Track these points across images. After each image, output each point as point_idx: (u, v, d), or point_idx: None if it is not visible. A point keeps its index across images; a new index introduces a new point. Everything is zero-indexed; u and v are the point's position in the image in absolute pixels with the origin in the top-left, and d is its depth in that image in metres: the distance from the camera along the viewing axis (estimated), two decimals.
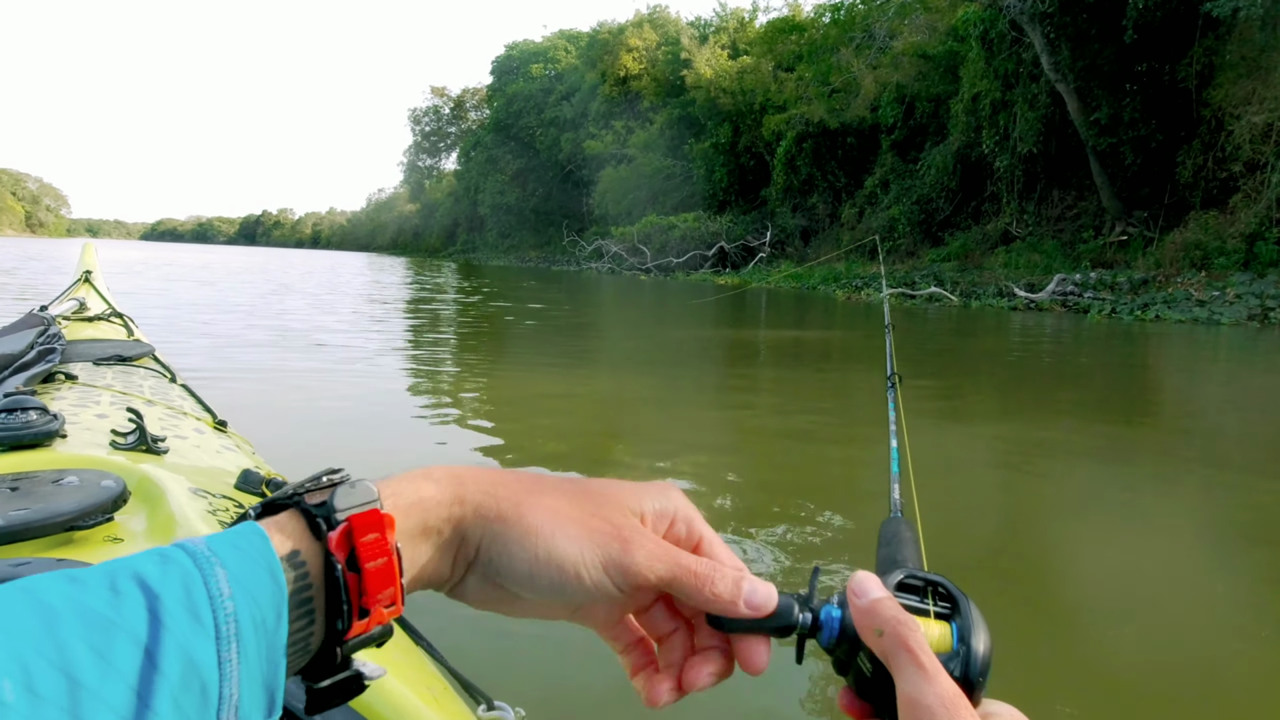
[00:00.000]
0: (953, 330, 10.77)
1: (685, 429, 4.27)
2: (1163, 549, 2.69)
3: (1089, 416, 5.05)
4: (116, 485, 0.80)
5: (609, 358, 7.83)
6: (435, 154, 76.87)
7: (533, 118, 50.24)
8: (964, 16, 20.96)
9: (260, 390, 4.98)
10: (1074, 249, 18.15)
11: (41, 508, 0.72)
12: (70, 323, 2.35)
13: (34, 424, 0.96)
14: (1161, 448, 4.26)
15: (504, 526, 0.36)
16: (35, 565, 0.62)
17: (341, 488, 0.35)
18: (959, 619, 0.38)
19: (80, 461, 0.91)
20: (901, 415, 1.03)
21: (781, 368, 7.28)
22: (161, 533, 0.77)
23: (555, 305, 14.40)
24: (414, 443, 3.93)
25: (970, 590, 0.39)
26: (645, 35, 40.50)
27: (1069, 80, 16.98)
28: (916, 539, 0.60)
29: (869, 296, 16.52)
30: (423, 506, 0.36)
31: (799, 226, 27.63)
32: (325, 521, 0.33)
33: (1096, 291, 13.13)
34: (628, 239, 29.95)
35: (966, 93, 21.18)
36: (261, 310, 10.76)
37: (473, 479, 0.38)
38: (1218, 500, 3.26)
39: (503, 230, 53.21)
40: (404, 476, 0.38)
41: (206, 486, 0.94)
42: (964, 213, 22.73)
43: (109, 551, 0.72)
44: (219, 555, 0.30)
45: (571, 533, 0.37)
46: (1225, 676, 1.89)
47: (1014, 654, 1.86)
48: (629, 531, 0.38)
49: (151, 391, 1.57)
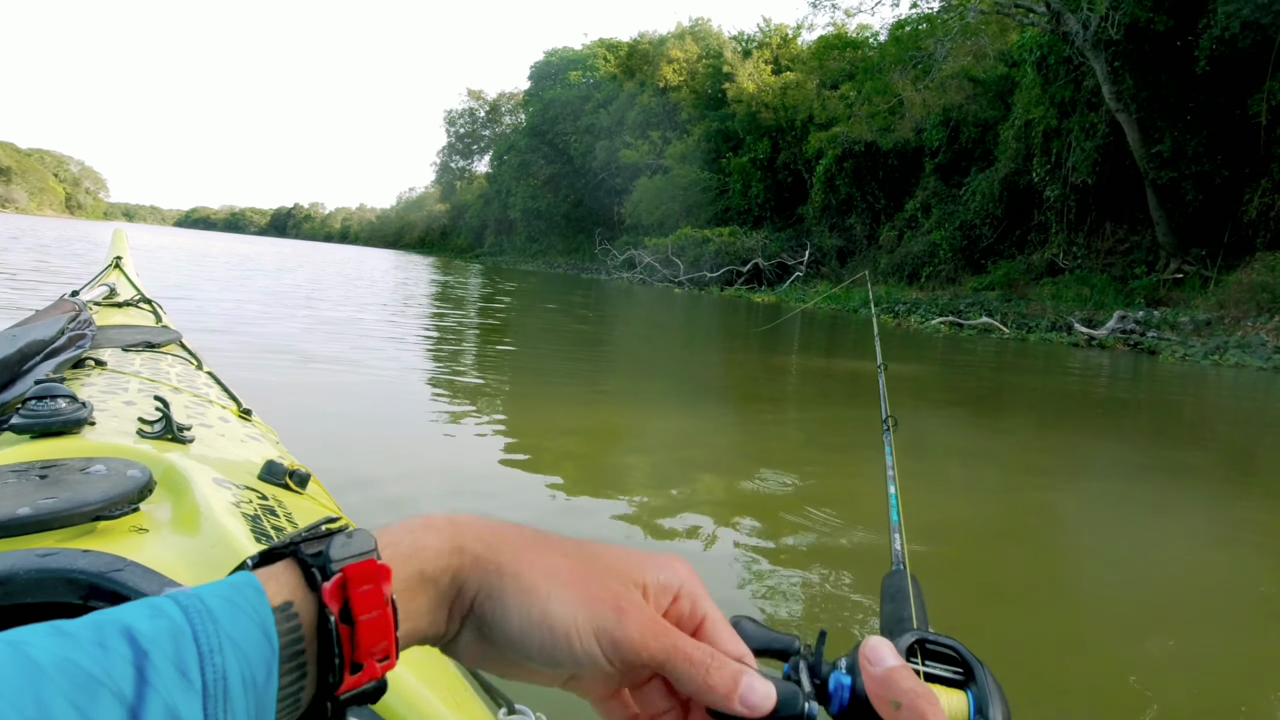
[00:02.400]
0: (1017, 367, 10.09)
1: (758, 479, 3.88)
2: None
3: (1222, 483, 4.39)
4: (143, 475, 0.80)
5: (665, 378, 7.46)
6: (468, 156, 77.37)
7: (568, 124, 50.24)
8: (1020, 41, 20.48)
9: (283, 379, 4.96)
10: (1125, 284, 17.55)
11: (69, 497, 0.72)
12: (101, 308, 2.35)
13: (63, 412, 0.95)
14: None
15: (501, 581, 0.36)
16: (61, 556, 0.60)
17: (338, 537, 0.34)
18: (975, 688, 0.37)
19: (108, 450, 0.91)
20: (895, 461, 0.98)
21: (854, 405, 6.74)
22: (186, 523, 0.76)
23: (598, 312, 14.10)
24: (437, 439, 3.90)
25: (997, 654, 0.37)
26: (687, 47, 40.39)
27: (1130, 110, 16.43)
28: (920, 594, 0.58)
29: (919, 324, 16.00)
30: (420, 556, 0.35)
31: (835, 246, 27.17)
32: (320, 571, 0.33)
33: (1160, 331, 12.54)
34: (661, 250, 29.61)
35: (1019, 118, 20.67)
36: (289, 300, 10.60)
37: (473, 529, 0.37)
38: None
39: (532, 234, 53.19)
40: (403, 525, 0.37)
41: (230, 476, 0.94)
42: (1008, 241, 22.17)
43: (134, 541, 0.71)
44: (211, 609, 0.30)
45: (567, 596, 0.35)
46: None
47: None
48: (626, 602, 0.36)
49: (178, 378, 1.58)
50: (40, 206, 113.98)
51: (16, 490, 0.74)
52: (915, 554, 0.78)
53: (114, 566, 0.61)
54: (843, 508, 3.13)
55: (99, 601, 0.59)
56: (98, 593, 0.59)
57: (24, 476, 0.78)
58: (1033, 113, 19.76)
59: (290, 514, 0.91)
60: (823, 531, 2.87)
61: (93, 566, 0.60)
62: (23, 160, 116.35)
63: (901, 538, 0.77)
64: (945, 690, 0.37)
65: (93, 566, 0.60)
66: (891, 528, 0.81)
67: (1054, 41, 18.29)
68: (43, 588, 0.58)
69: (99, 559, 0.61)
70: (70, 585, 0.59)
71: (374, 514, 2.43)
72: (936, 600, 0.66)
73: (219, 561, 0.69)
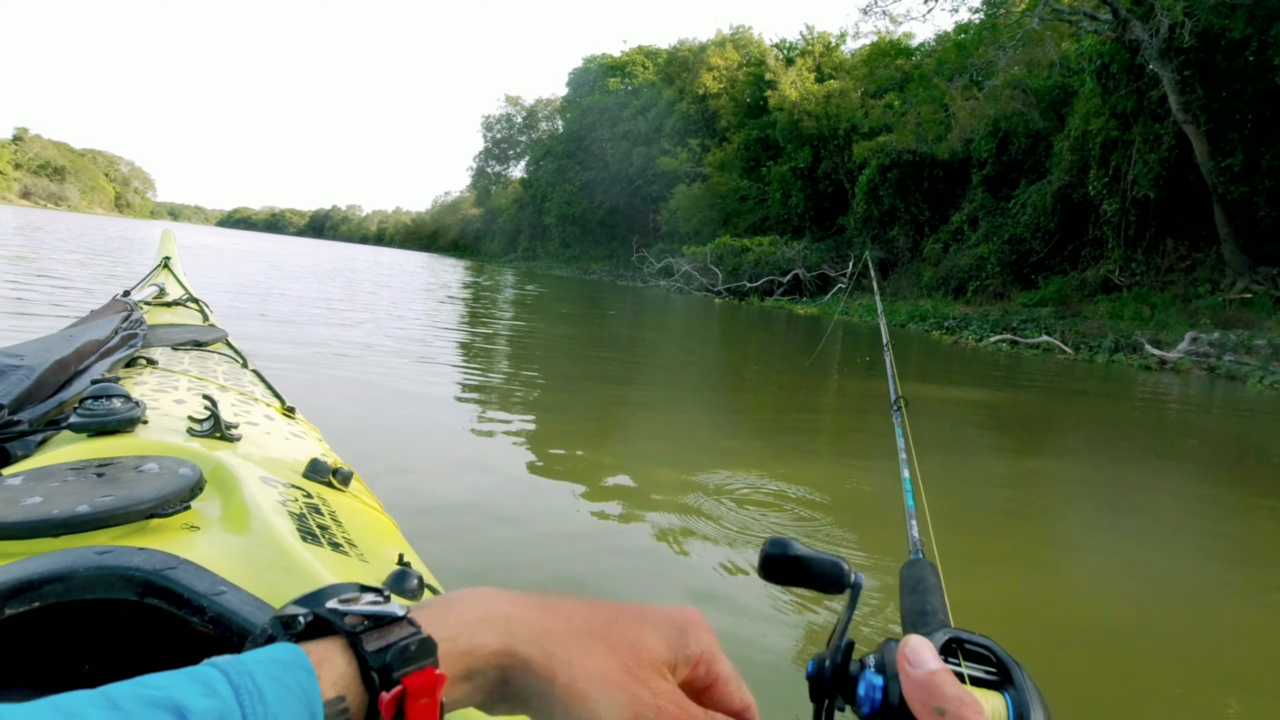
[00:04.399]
0: (1101, 394, 9.25)
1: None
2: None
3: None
4: (193, 473, 0.82)
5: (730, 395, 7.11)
6: (504, 161, 77.90)
7: (605, 130, 50.21)
8: (1079, 49, 19.78)
9: (325, 378, 5.03)
10: (1189, 303, 16.75)
11: (125, 495, 0.75)
12: (151, 308, 2.41)
13: (118, 411, 0.98)
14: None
15: (553, 687, 0.36)
16: (118, 554, 0.63)
17: (400, 640, 0.33)
18: (1013, 691, 0.36)
19: (160, 448, 0.93)
20: (910, 442, 0.92)
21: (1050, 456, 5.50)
22: (235, 521, 0.77)
23: (650, 327, 13.80)
24: (471, 440, 3.95)
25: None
26: (727, 55, 40.10)
27: (1200, 122, 15.70)
28: (941, 584, 0.56)
29: (974, 340, 15.37)
30: (472, 656, 0.36)
31: (878, 258, 26.56)
32: (380, 676, 0.32)
33: (1236, 354, 11.85)
34: (700, 258, 29.23)
35: (1075, 129, 19.94)
36: (328, 300, 10.46)
37: (526, 624, 0.37)
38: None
39: (566, 240, 53.19)
40: (458, 615, 0.37)
41: (276, 474, 0.95)
42: (1059, 256, 21.40)
43: (186, 539, 0.73)
44: (262, 689, 0.29)
45: (616, 700, 0.36)
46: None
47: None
48: (665, 700, 0.37)
49: (225, 377, 1.61)
50: (91, 205, 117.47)
51: (76, 488, 0.77)
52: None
53: (168, 564, 0.62)
54: (859, 510, 3.08)
55: (154, 599, 0.60)
56: (153, 590, 0.60)
57: (82, 474, 0.81)
58: (1092, 124, 19.02)
59: (334, 512, 0.91)
60: (839, 526, 2.84)
61: (148, 564, 0.62)
62: (76, 160, 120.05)
63: (919, 525, 0.73)
64: (983, 693, 0.36)
65: (148, 564, 0.62)
66: (908, 513, 0.76)
67: (1116, 49, 17.59)
68: (101, 584, 0.60)
69: (154, 557, 0.63)
70: (127, 582, 0.60)
71: (410, 517, 2.48)
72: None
73: (266, 560, 0.69)
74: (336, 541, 0.81)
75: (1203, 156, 15.99)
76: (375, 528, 0.98)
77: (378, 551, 0.85)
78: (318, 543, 0.77)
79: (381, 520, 1.06)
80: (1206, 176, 16.10)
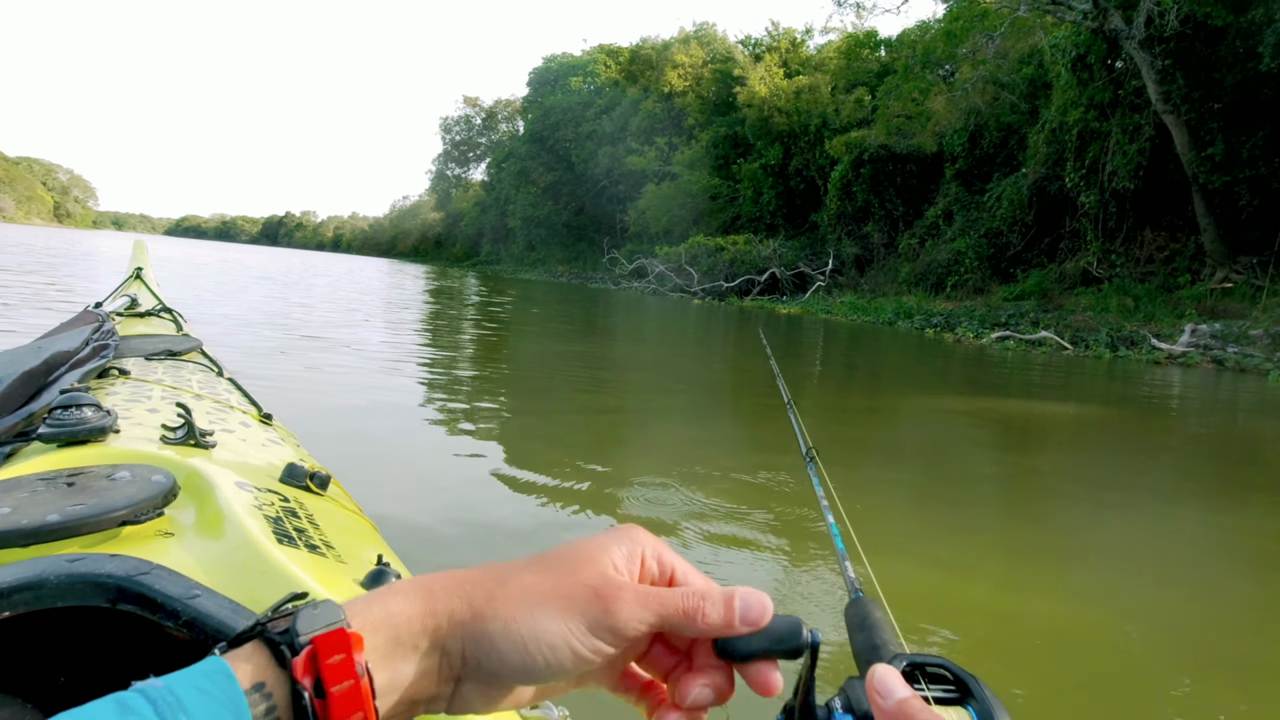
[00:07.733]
0: (1132, 396, 8.45)
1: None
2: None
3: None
4: (167, 480, 0.81)
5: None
6: (464, 163, 76.52)
7: (569, 130, 49.36)
8: (1053, 41, 19.66)
9: (301, 384, 5.00)
10: (1170, 294, 16.69)
11: (96, 503, 0.73)
12: (123, 319, 2.36)
13: (88, 420, 0.97)
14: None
15: (484, 625, 0.36)
16: (90, 561, 0.62)
17: (304, 611, 0.34)
18: (975, 703, 0.37)
19: (132, 456, 0.92)
20: (830, 489, 0.93)
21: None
22: (210, 526, 0.77)
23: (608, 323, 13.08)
24: (449, 443, 3.95)
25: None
26: (692, 52, 39.63)
27: (1180, 112, 15.60)
28: (888, 616, 0.57)
29: (971, 337, 14.96)
30: (391, 622, 0.35)
31: (853, 255, 26.28)
32: (289, 648, 0.32)
33: (1239, 345, 11.63)
34: (674, 259, 28.61)
35: (1052, 121, 19.82)
36: (290, 308, 9.65)
37: (441, 586, 0.37)
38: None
39: (531, 243, 52.18)
40: (370, 595, 0.37)
41: (252, 480, 0.94)
42: (1037, 249, 21.31)
43: (160, 545, 0.72)
44: (182, 700, 0.29)
45: (551, 609, 0.36)
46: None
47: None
48: (606, 589, 0.37)
49: (200, 385, 1.58)
50: (28, 215, 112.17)
51: (46, 498, 0.75)
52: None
53: (141, 570, 0.61)
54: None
55: (127, 605, 0.60)
56: (125, 595, 0.60)
57: (52, 484, 0.79)
58: (1069, 115, 18.89)
59: (312, 515, 0.89)
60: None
61: (120, 570, 0.61)
62: (10, 169, 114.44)
63: (851, 565, 0.74)
64: (948, 710, 0.36)
65: (120, 570, 0.61)
66: (839, 556, 0.78)
67: (1092, 40, 17.46)
68: (72, 592, 0.59)
69: (126, 563, 0.62)
70: (99, 589, 0.60)
71: (388, 520, 2.34)
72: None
73: (242, 563, 0.68)
74: (314, 544, 0.79)
75: (1183, 146, 15.90)
76: (354, 530, 0.97)
77: (356, 553, 0.84)
78: (294, 545, 0.75)
79: (360, 522, 1.04)
80: (1187, 166, 16.02)
